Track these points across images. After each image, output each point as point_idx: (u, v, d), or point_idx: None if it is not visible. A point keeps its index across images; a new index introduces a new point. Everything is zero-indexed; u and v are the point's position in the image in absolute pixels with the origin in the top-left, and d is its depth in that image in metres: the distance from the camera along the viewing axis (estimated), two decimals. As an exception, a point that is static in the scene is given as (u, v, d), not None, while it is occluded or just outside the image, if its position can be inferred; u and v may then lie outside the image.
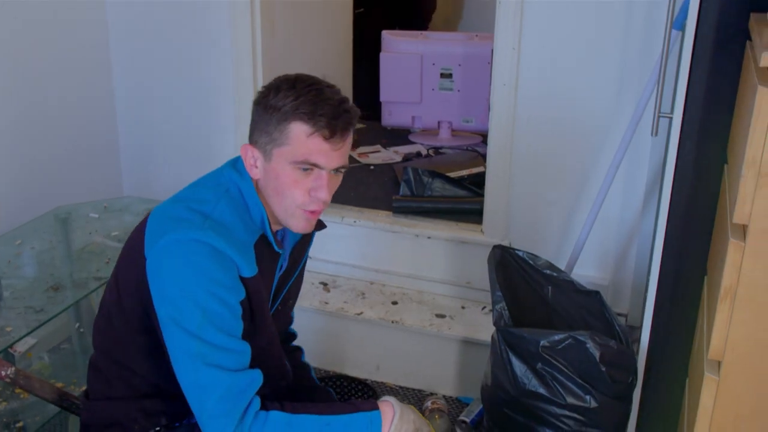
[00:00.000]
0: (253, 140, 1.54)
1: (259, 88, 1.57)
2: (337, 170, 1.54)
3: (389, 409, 1.57)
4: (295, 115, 1.47)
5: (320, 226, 1.69)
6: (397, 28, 4.23)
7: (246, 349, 1.49)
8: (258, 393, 1.50)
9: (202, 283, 1.44)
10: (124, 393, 1.62)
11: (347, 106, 1.51)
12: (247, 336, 1.52)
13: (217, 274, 1.45)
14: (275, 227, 1.61)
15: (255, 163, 1.54)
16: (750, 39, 1.57)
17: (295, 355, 1.94)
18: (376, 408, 1.55)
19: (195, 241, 1.45)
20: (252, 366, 1.51)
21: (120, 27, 2.99)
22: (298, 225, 1.56)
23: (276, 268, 1.64)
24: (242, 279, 1.50)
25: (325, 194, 1.52)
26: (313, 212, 1.55)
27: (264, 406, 1.49)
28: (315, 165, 1.50)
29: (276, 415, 1.48)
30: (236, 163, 1.60)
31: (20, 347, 2.44)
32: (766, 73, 1.33)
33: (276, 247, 1.58)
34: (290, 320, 1.93)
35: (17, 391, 2.37)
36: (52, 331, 2.62)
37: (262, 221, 1.56)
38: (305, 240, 1.74)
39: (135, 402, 1.61)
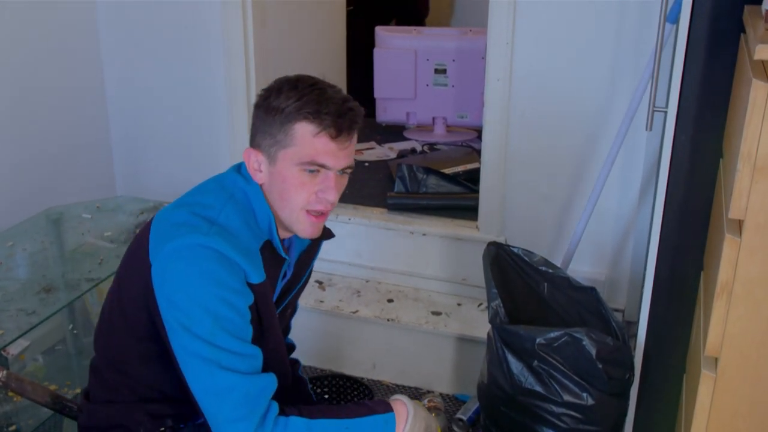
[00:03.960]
0: (255, 143, 1.52)
1: (257, 89, 1.56)
2: (343, 171, 1.52)
3: (403, 409, 1.57)
4: (299, 115, 1.45)
5: (328, 235, 1.67)
6: (394, 24, 4.22)
7: (258, 353, 1.47)
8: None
9: (210, 288, 1.42)
10: (129, 398, 1.60)
11: (351, 104, 1.50)
12: (255, 340, 1.50)
13: (226, 279, 1.43)
14: (283, 234, 1.58)
15: (259, 167, 1.51)
16: (744, 32, 1.55)
17: (292, 368, 1.91)
18: (390, 410, 1.56)
19: (201, 246, 1.42)
20: (263, 369, 1.50)
21: (111, 26, 2.97)
22: (305, 230, 1.54)
23: (279, 275, 1.61)
24: (250, 285, 1.47)
25: (333, 195, 1.50)
26: (318, 215, 1.52)
27: (282, 412, 1.47)
28: (322, 166, 1.47)
29: (296, 421, 1.46)
30: (241, 168, 1.57)
31: (13, 350, 2.43)
32: (760, 66, 1.32)
33: (282, 253, 1.55)
34: (288, 329, 1.90)
35: (10, 394, 2.36)
36: (45, 332, 2.60)
37: (269, 226, 1.53)
38: (311, 250, 1.72)
39: (139, 405, 1.59)
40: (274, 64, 3.06)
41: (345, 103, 1.49)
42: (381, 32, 3.81)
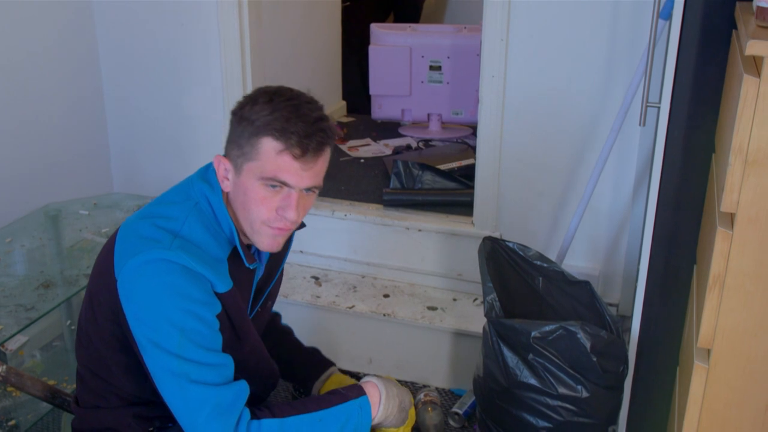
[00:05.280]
0: (226, 151, 1.51)
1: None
2: (309, 189, 1.50)
3: (375, 390, 1.60)
4: (266, 130, 1.43)
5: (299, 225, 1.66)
6: (392, 21, 4.22)
7: (228, 361, 1.48)
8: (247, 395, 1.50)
9: (175, 301, 1.42)
10: (114, 403, 1.62)
11: (323, 125, 1.46)
12: (230, 345, 1.51)
13: (190, 291, 1.43)
14: (248, 240, 1.58)
15: (226, 175, 1.51)
16: (736, 28, 1.57)
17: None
18: (363, 393, 1.58)
19: (163, 260, 1.42)
20: (240, 370, 1.50)
21: (108, 26, 2.98)
22: (263, 243, 1.53)
23: (253, 276, 1.62)
24: (217, 294, 1.48)
25: (293, 214, 1.48)
26: (279, 229, 1.51)
27: (254, 415, 1.48)
28: (284, 183, 1.46)
29: (268, 423, 1.48)
30: (206, 173, 1.56)
31: (12, 345, 2.44)
32: (751, 61, 1.33)
33: (246, 263, 1.54)
34: (271, 314, 1.92)
35: (9, 389, 2.37)
36: (43, 328, 2.61)
37: (231, 235, 1.52)
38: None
39: (126, 410, 1.60)
40: (271, 64, 3.07)
41: (316, 122, 1.45)
42: (376, 29, 3.81)
